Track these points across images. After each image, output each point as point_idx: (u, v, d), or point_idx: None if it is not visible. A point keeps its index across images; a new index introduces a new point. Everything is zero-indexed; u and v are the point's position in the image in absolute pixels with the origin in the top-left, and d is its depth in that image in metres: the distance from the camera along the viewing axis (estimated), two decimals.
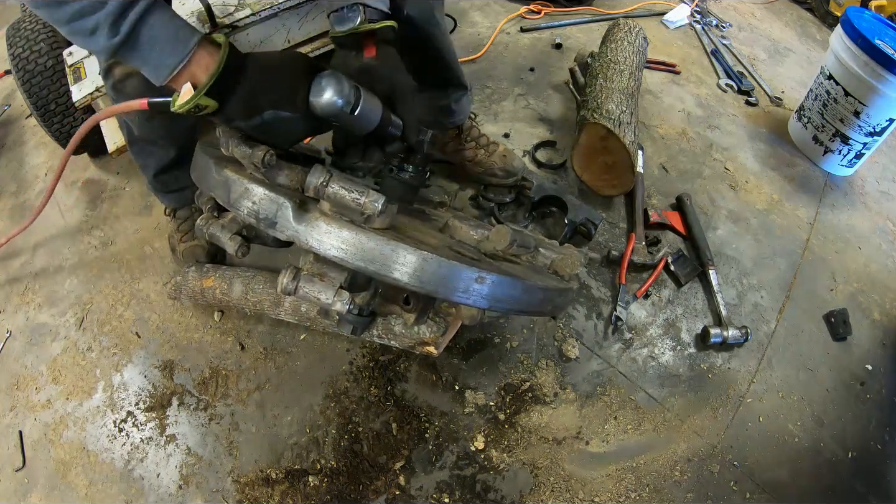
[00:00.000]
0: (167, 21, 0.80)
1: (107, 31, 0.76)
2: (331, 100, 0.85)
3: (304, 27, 1.72)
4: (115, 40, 0.77)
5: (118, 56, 0.80)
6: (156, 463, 1.31)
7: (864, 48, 1.72)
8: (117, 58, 0.80)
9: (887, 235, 1.88)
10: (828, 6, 2.88)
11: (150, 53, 0.80)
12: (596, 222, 1.66)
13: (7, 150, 2.06)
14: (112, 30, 0.76)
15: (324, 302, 0.84)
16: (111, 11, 0.75)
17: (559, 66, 2.28)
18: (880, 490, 1.34)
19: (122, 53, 0.79)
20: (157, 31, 0.79)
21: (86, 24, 0.75)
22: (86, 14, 0.74)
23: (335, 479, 1.28)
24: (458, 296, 0.82)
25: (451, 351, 1.44)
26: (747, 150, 2.06)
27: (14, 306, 1.61)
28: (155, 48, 0.80)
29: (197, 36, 0.82)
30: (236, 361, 1.44)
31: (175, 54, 0.80)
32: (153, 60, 0.81)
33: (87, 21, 0.75)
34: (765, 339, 1.55)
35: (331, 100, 0.85)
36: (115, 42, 0.77)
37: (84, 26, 0.75)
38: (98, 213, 1.79)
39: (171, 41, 0.80)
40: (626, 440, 1.36)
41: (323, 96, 0.85)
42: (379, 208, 0.79)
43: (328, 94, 0.85)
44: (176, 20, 0.81)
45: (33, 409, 1.41)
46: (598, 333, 1.53)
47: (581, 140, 1.71)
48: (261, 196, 0.82)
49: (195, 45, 0.81)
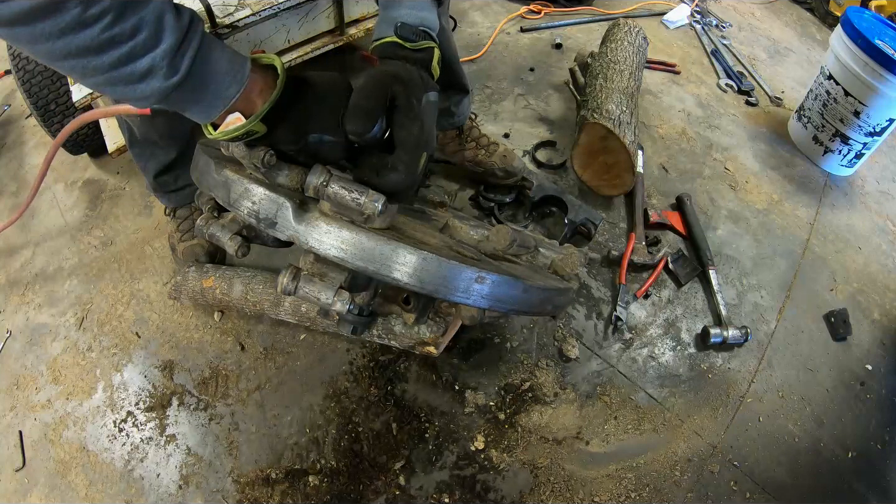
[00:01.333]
0: (221, 50, 0.73)
1: (164, 71, 0.66)
2: None
3: (304, 27, 1.72)
4: (172, 80, 0.67)
5: (168, 100, 0.70)
6: (156, 463, 1.31)
7: (864, 48, 1.72)
8: (166, 102, 0.71)
9: (887, 235, 1.88)
10: (828, 6, 2.88)
11: (208, 88, 0.72)
12: (596, 222, 1.66)
13: (7, 150, 2.06)
14: (170, 69, 0.66)
15: (324, 302, 0.84)
16: (168, 48, 0.65)
17: (559, 66, 2.29)
18: (880, 490, 1.34)
19: (175, 95, 0.70)
20: (215, 62, 0.71)
21: (135, 68, 0.64)
22: (136, 56, 0.63)
23: (335, 479, 1.28)
24: (457, 296, 0.82)
25: (451, 351, 1.44)
26: (747, 150, 2.06)
27: (14, 306, 1.61)
28: (214, 81, 0.72)
29: (248, 61, 0.75)
30: (236, 361, 1.44)
31: (234, 84, 0.73)
32: (210, 95, 0.73)
33: (138, 65, 0.64)
34: (765, 339, 1.56)
35: None
36: (174, 82, 0.67)
37: (132, 71, 0.65)
38: (98, 213, 1.79)
39: (229, 71, 0.73)
40: (626, 440, 1.36)
41: None
42: (379, 208, 0.79)
43: None
44: (227, 47, 0.74)
45: (33, 409, 1.41)
46: (598, 333, 1.53)
47: (581, 140, 1.71)
48: (261, 196, 0.82)
49: (249, 69, 0.75)
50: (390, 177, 0.83)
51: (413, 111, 0.84)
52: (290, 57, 1.73)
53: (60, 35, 0.59)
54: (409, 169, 0.84)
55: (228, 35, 1.46)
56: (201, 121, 0.77)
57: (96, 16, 0.58)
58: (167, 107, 0.73)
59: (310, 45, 1.76)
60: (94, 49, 0.61)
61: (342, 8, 1.74)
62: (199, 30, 0.69)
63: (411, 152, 0.84)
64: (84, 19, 0.58)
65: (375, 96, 0.82)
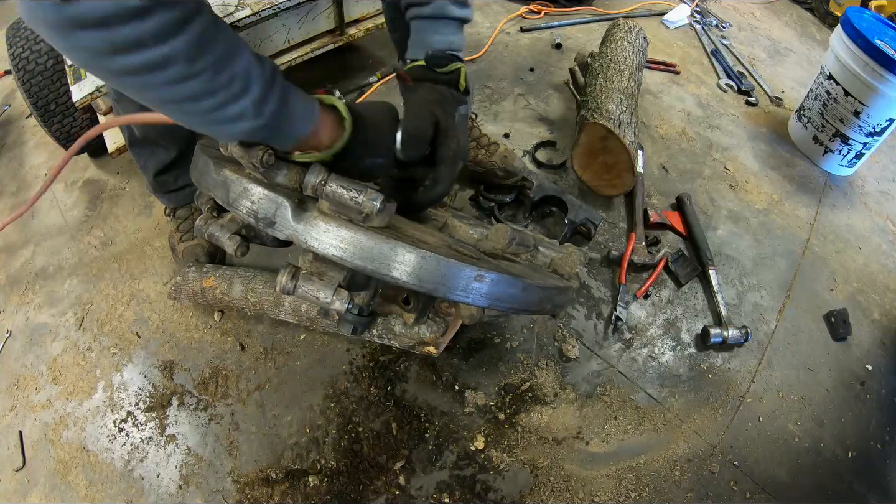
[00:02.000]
0: (296, 95, 0.81)
1: (251, 116, 0.74)
2: None
3: (304, 27, 1.72)
4: (258, 123, 0.75)
5: (249, 136, 0.79)
6: (156, 463, 1.31)
7: (864, 48, 1.72)
8: (248, 138, 0.80)
9: (887, 235, 1.88)
10: (828, 6, 2.88)
11: (285, 128, 0.81)
12: (596, 222, 1.66)
13: (7, 150, 2.06)
14: (256, 114, 0.74)
15: (323, 301, 0.84)
16: (257, 97, 0.73)
17: (559, 66, 2.29)
18: (880, 490, 1.34)
19: (258, 134, 0.79)
20: (292, 106, 0.80)
21: (228, 113, 0.73)
22: (229, 103, 0.72)
23: (335, 479, 1.28)
24: (457, 294, 0.82)
25: (451, 351, 1.44)
26: (747, 150, 2.06)
27: (14, 306, 1.61)
28: (290, 122, 0.81)
29: (316, 102, 0.85)
30: (236, 361, 1.44)
31: (305, 124, 0.83)
32: (285, 132, 0.82)
33: (230, 110, 0.72)
34: (765, 339, 1.55)
35: None
36: (259, 125, 0.76)
37: (226, 115, 0.73)
38: (98, 213, 1.79)
39: (302, 114, 0.82)
40: (626, 440, 1.36)
41: None
42: (377, 207, 0.79)
43: None
44: (299, 91, 0.82)
45: (33, 409, 1.41)
46: (598, 333, 1.53)
47: (581, 140, 1.71)
48: (259, 195, 0.82)
49: (319, 111, 0.85)
50: (436, 189, 0.99)
51: (451, 130, 0.98)
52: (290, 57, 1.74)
53: (168, 84, 0.67)
54: (450, 180, 1.00)
55: None
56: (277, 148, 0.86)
57: (199, 71, 0.67)
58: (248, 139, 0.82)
59: (310, 45, 1.76)
60: (195, 97, 0.69)
61: (342, 8, 1.74)
62: (278, 78, 0.77)
63: (452, 166, 0.99)
64: (189, 74, 0.66)
65: (424, 125, 0.96)
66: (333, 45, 1.80)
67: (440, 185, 0.99)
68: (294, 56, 1.73)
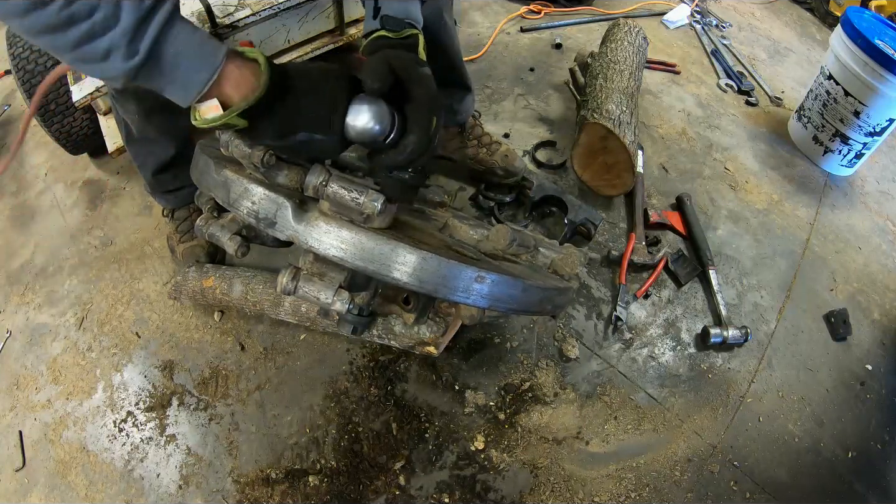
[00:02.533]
0: (189, 34, 0.71)
1: (123, 51, 0.66)
2: (367, 126, 0.80)
3: (304, 27, 1.72)
4: (133, 61, 0.67)
5: (137, 80, 0.70)
6: (156, 463, 1.31)
7: (864, 48, 1.72)
8: (136, 82, 0.71)
9: (887, 235, 1.88)
10: (828, 6, 2.88)
11: (175, 72, 0.71)
12: (596, 222, 1.66)
13: (7, 150, 2.06)
14: (129, 49, 0.66)
15: (323, 301, 0.84)
16: (127, 28, 0.65)
17: (559, 66, 2.28)
18: (880, 490, 1.34)
19: (143, 75, 0.70)
20: (181, 45, 0.70)
21: (96, 47, 0.65)
22: (95, 35, 0.64)
23: (335, 479, 1.28)
24: (457, 295, 0.82)
25: (451, 351, 1.44)
26: (747, 150, 2.06)
27: (14, 306, 1.61)
28: (180, 65, 0.71)
29: (223, 48, 0.74)
30: (236, 361, 1.44)
31: (204, 69, 0.72)
32: (179, 79, 0.72)
33: (98, 44, 0.65)
34: (765, 339, 1.55)
35: (367, 126, 0.80)
36: (135, 63, 0.67)
37: (94, 50, 0.65)
38: (98, 213, 1.79)
39: (197, 56, 0.72)
40: (626, 440, 1.36)
41: (359, 122, 0.79)
42: (378, 208, 0.79)
43: (365, 119, 0.79)
44: (198, 32, 0.73)
45: (33, 409, 1.41)
46: (598, 333, 1.53)
47: (581, 140, 1.71)
48: (260, 196, 0.82)
49: (223, 58, 0.73)
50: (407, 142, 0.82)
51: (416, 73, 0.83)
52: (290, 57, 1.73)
53: (25, 14, 0.62)
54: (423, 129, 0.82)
55: (228, 35, 1.47)
56: (180, 103, 0.76)
57: None
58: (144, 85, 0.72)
59: (310, 45, 1.76)
60: (57, 27, 0.63)
61: (342, 8, 1.74)
62: (163, 10, 0.68)
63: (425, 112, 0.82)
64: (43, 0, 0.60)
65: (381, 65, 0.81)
66: (333, 45, 1.80)
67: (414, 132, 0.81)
68: (294, 56, 1.73)
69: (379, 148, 0.84)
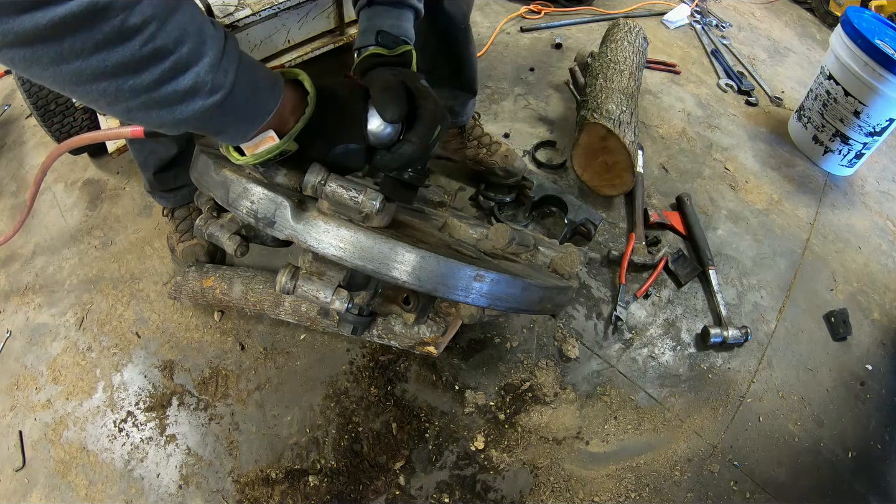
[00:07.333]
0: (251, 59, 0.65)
1: (208, 88, 0.58)
2: (382, 128, 0.83)
3: (304, 27, 1.72)
4: (215, 98, 0.59)
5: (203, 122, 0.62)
6: (156, 463, 1.31)
7: (864, 48, 1.72)
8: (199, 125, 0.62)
9: (887, 235, 1.88)
10: (828, 6, 2.88)
11: (246, 106, 0.64)
12: (596, 222, 1.66)
13: (7, 150, 2.06)
14: (214, 85, 0.58)
15: (322, 300, 0.84)
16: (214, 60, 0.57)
17: (559, 66, 2.29)
18: (880, 490, 1.34)
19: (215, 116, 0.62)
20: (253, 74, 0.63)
21: (177, 86, 0.55)
22: (179, 71, 0.54)
23: (335, 479, 1.28)
24: (457, 294, 0.82)
25: (451, 351, 1.44)
26: (747, 150, 2.06)
27: (14, 306, 1.61)
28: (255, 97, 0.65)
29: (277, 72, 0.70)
30: (236, 361, 1.44)
31: (272, 98, 0.67)
32: (250, 112, 0.65)
33: (181, 82, 0.55)
34: (765, 339, 1.55)
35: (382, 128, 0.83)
36: (216, 100, 0.59)
37: (174, 91, 0.55)
38: (98, 213, 1.79)
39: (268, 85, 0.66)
40: (626, 440, 1.36)
41: (377, 126, 0.83)
42: (377, 207, 0.79)
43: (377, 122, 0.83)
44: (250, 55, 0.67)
45: (33, 409, 1.41)
46: (598, 333, 1.53)
47: (581, 140, 1.71)
48: (259, 195, 0.82)
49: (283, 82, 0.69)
50: (405, 147, 0.83)
51: (423, 90, 0.85)
52: (290, 57, 1.74)
53: (95, 51, 0.49)
54: (425, 141, 0.84)
55: None
56: (234, 143, 0.72)
57: (138, 26, 0.49)
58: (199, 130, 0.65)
59: (310, 45, 1.76)
60: (132, 66, 0.51)
61: (342, 8, 1.74)
62: (234, 39, 0.62)
63: (430, 124, 0.84)
64: (124, 31, 0.48)
65: (393, 83, 0.82)
66: (333, 45, 1.80)
67: (413, 141, 0.82)
68: (294, 56, 1.73)
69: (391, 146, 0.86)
